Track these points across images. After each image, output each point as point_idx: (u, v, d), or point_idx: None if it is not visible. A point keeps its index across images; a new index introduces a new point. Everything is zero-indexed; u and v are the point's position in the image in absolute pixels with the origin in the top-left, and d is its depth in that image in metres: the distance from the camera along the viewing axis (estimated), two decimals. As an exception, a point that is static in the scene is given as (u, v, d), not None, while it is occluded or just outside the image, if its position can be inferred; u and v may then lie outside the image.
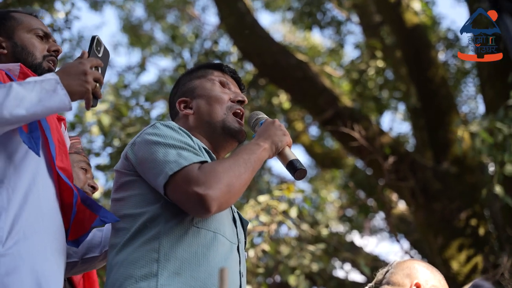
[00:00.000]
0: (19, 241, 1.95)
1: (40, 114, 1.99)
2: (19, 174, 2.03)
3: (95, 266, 2.60)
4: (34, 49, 2.37)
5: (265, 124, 2.31)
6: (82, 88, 2.05)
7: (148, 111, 7.82)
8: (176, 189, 2.02)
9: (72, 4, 7.34)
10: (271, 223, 6.20)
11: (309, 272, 6.52)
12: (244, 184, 2.08)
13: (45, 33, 2.44)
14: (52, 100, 1.98)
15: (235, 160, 2.09)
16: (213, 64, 2.57)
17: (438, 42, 10.24)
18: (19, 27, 2.41)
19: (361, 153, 8.13)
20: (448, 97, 8.40)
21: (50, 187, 2.12)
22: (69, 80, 2.04)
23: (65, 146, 2.25)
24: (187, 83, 2.51)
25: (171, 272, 2.00)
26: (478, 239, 7.38)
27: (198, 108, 2.41)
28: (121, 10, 15.51)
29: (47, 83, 2.00)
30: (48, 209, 2.08)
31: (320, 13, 10.21)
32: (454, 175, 7.81)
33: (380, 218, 11.69)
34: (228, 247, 2.16)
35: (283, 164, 2.27)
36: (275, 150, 2.24)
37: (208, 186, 1.97)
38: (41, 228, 2.02)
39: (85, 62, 2.09)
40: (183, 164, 2.02)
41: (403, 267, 2.81)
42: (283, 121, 11.65)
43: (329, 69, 11.79)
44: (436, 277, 2.77)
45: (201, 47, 10.34)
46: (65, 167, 2.18)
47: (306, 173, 2.26)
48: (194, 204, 1.99)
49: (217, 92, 2.43)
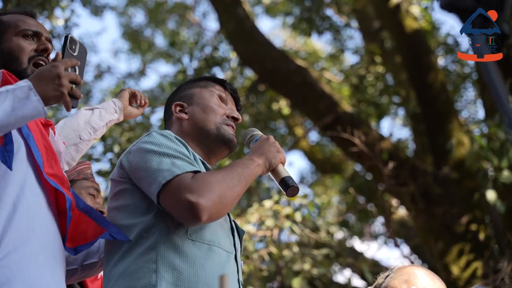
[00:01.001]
0: (9, 253, 1.92)
1: (14, 123, 1.95)
2: (4, 187, 2.00)
3: (95, 272, 2.59)
4: (21, 52, 2.32)
5: (260, 140, 2.33)
6: (56, 92, 1.99)
7: (148, 116, 7.83)
8: (168, 197, 2.02)
9: (71, 11, 7.36)
10: (275, 227, 6.22)
11: (310, 277, 6.52)
12: (236, 196, 2.08)
13: (34, 32, 2.38)
14: (25, 107, 1.94)
15: (228, 172, 2.10)
16: (217, 78, 2.60)
17: (437, 47, 10.25)
18: (7, 31, 2.36)
19: (361, 158, 8.14)
20: (448, 102, 8.41)
21: (41, 195, 2.09)
22: (43, 85, 1.98)
23: (54, 152, 2.20)
24: (187, 89, 2.53)
25: (169, 283, 2.00)
26: (478, 244, 7.38)
27: (193, 115, 2.42)
28: (121, 16, 15.55)
29: (19, 91, 1.95)
30: (40, 218, 2.06)
31: (319, 18, 10.23)
32: (454, 180, 7.82)
33: (380, 223, 11.68)
34: (225, 257, 2.17)
35: (276, 180, 2.30)
36: (269, 167, 2.26)
37: (200, 194, 1.97)
38: (32, 237, 2.00)
39: (58, 65, 2.02)
40: (176, 173, 2.03)
41: (402, 273, 2.81)
42: (283, 126, 11.67)
43: (329, 75, 11.80)
44: (436, 284, 2.77)
45: (201, 53, 10.36)
46: (56, 173, 2.15)
47: (298, 191, 2.28)
48: (185, 211, 1.99)
49: (214, 103, 2.45)
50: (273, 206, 6.22)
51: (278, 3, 13.89)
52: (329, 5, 10.86)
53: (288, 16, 11.38)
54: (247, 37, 9.06)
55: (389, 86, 10.15)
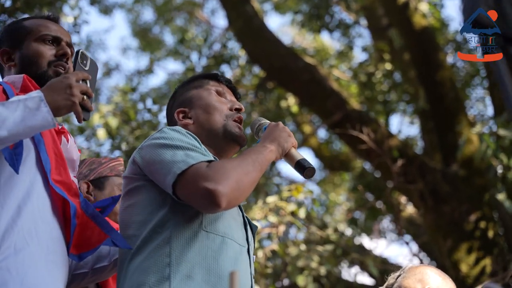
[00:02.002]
0: (9, 255, 1.94)
1: (23, 134, 1.96)
2: (10, 189, 2.02)
3: (105, 276, 2.58)
4: (40, 57, 2.34)
5: (269, 127, 2.33)
6: (68, 101, 2.01)
7: (156, 114, 7.85)
8: (185, 186, 2.02)
9: (80, 9, 7.38)
10: (280, 224, 6.22)
11: (317, 275, 6.52)
12: (252, 181, 2.09)
13: (54, 37, 2.40)
14: (35, 118, 1.95)
15: (243, 158, 2.10)
16: (208, 74, 2.59)
17: (446, 45, 10.22)
18: (27, 36, 2.38)
19: (370, 155, 8.12)
20: (456, 100, 8.38)
21: (47, 201, 2.11)
22: (54, 95, 2.00)
23: (64, 159, 2.21)
24: (184, 93, 2.52)
25: (183, 275, 2.01)
26: (487, 241, 7.35)
27: (197, 118, 2.42)
28: (130, 14, 15.57)
29: (30, 101, 1.96)
30: (44, 223, 2.07)
31: (328, 16, 10.22)
32: (463, 177, 7.79)
33: (388, 221, 11.66)
34: (238, 250, 2.17)
35: (290, 165, 2.29)
36: (282, 152, 2.25)
37: (218, 181, 1.97)
38: (35, 240, 2.01)
39: (69, 76, 2.06)
40: (191, 163, 2.03)
41: (415, 272, 2.82)
42: (291, 124, 11.66)
43: (337, 72, 11.79)
44: (448, 285, 2.78)
45: (209, 50, 10.36)
46: (63, 179, 2.16)
47: (315, 171, 2.28)
48: (204, 199, 1.99)
49: (215, 101, 2.45)
50: (276, 202, 6.21)
51: (287, 0, 13.87)
52: (338, 3, 10.83)
53: (297, 13, 11.37)
54: (255, 35, 9.06)
55: (398, 84, 10.13)
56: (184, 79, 2.74)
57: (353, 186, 10.40)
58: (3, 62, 2.38)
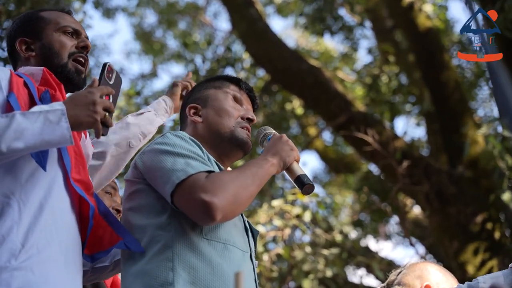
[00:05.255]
0: (32, 255, 1.93)
1: (39, 146, 1.93)
2: (32, 186, 2.01)
3: (105, 276, 2.58)
4: (62, 48, 2.33)
5: (273, 139, 2.32)
6: (90, 118, 1.98)
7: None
8: (182, 197, 2.02)
9: (84, 13, 7.37)
10: (285, 227, 6.20)
11: (323, 278, 6.50)
12: (250, 196, 2.08)
13: (74, 29, 2.40)
14: (54, 133, 1.92)
15: (243, 171, 2.10)
16: (232, 77, 2.57)
17: (451, 46, 10.20)
18: (47, 27, 2.37)
19: (375, 157, 8.11)
20: (462, 101, 8.36)
21: (66, 199, 2.10)
22: (77, 110, 1.97)
23: (83, 157, 2.20)
24: (202, 90, 2.52)
25: (186, 281, 2.00)
26: (493, 242, 7.33)
27: (207, 118, 2.42)
28: (133, 18, 15.58)
29: (52, 114, 1.93)
30: (63, 221, 2.06)
31: (331, 18, 10.21)
32: (469, 179, 7.77)
33: (394, 223, 11.64)
34: (241, 256, 2.17)
35: (291, 178, 2.29)
36: (283, 165, 2.25)
37: (214, 194, 1.97)
38: (55, 240, 2.00)
39: (94, 91, 2.02)
40: (190, 173, 2.03)
41: (415, 269, 2.82)
42: (296, 126, 11.65)
43: (342, 74, 11.77)
44: (449, 281, 2.76)
45: (213, 54, 10.36)
46: (82, 178, 2.15)
47: (314, 188, 2.28)
48: (199, 211, 1.99)
49: (229, 106, 2.44)
50: (282, 205, 6.20)
51: (290, 3, 13.86)
52: (342, 5, 10.82)
53: (300, 16, 11.36)
54: (259, 37, 9.06)
55: (403, 85, 10.11)
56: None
57: (358, 188, 10.38)
58: (21, 51, 2.35)
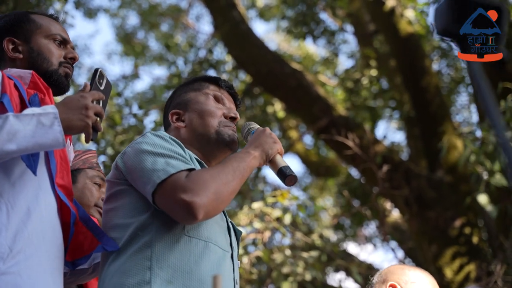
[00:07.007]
0: (20, 261, 1.93)
1: (31, 149, 1.94)
2: (20, 189, 2.00)
3: (84, 279, 2.56)
4: (51, 55, 2.32)
5: (256, 132, 2.33)
6: (82, 122, 2.01)
7: (142, 119, 7.82)
8: (163, 197, 2.02)
9: (66, 13, 7.33)
10: (265, 230, 6.20)
11: (302, 281, 6.50)
12: (232, 191, 2.08)
13: (63, 39, 2.39)
14: (46, 136, 1.93)
15: (223, 167, 2.10)
16: (210, 77, 2.56)
17: (432, 52, 10.27)
18: (37, 31, 2.35)
19: (355, 161, 8.13)
20: (442, 106, 8.42)
21: (53, 205, 2.10)
22: (69, 114, 2.00)
23: (68, 163, 2.21)
24: (182, 94, 2.51)
25: (164, 280, 2.00)
26: (471, 247, 7.38)
27: (190, 122, 2.41)
28: (115, 19, 15.51)
29: (45, 117, 1.95)
30: (49, 227, 2.06)
31: (314, 22, 10.24)
32: (448, 183, 7.82)
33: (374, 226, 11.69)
34: (221, 255, 2.16)
35: (274, 171, 2.29)
36: (266, 158, 2.25)
37: (195, 193, 1.97)
38: (42, 246, 2.01)
39: (86, 96, 2.06)
40: (171, 172, 2.03)
41: (381, 274, 2.84)
42: (277, 129, 11.66)
43: (324, 78, 11.81)
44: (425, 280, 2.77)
45: (195, 56, 10.35)
46: (65, 184, 2.16)
47: (297, 179, 2.27)
48: (181, 211, 1.99)
49: (211, 106, 2.43)
50: (262, 208, 6.20)
51: (272, 7, 13.89)
52: (324, 9, 10.86)
53: (282, 19, 11.38)
54: (242, 40, 9.06)
55: (384, 90, 10.16)
56: (171, 86, 2.71)
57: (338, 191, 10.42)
58: (8, 51, 2.32)
